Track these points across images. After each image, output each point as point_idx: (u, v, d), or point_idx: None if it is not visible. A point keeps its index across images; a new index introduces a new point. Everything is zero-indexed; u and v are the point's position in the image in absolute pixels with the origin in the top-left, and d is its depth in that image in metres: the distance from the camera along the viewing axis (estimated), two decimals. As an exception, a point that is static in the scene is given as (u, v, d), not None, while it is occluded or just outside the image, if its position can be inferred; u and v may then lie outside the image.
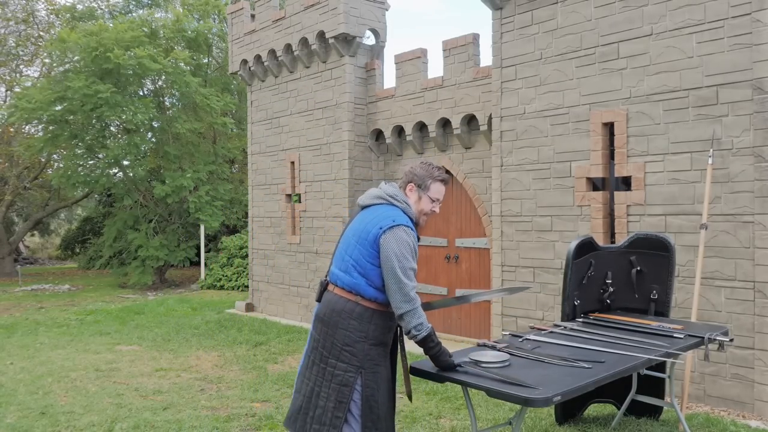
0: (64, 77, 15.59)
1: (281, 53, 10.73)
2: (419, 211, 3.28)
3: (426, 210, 3.28)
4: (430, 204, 3.29)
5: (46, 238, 32.24)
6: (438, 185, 3.29)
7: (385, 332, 3.19)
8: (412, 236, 3.14)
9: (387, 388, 3.21)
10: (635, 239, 4.86)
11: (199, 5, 18.00)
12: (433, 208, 3.30)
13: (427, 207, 3.28)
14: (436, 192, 3.29)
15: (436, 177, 3.28)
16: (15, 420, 5.36)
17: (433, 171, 3.30)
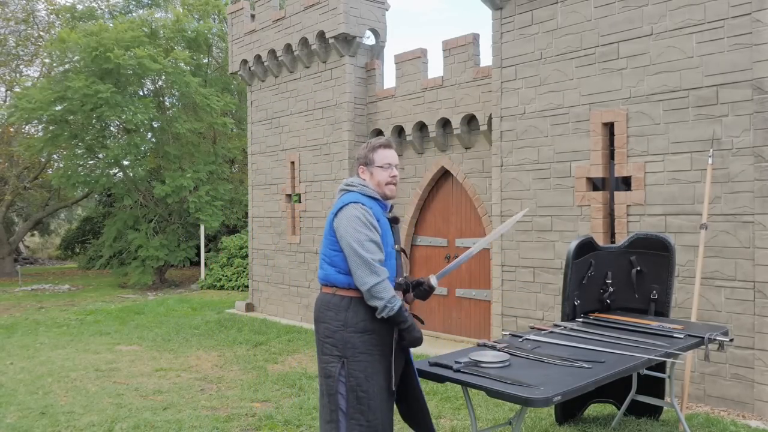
0: (64, 77, 15.59)
1: (281, 53, 10.73)
2: (378, 185, 3.23)
3: (383, 179, 3.23)
4: (384, 172, 3.24)
5: (46, 238, 32.24)
6: (380, 152, 3.26)
7: (368, 318, 3.10)
8: (364, 210, 3.10)
9: (381, 378, 3.10)
10: (635, 239, 4.86)
11: (199, 5, 18.01)
12: (391, 175, 3.25)
13: (383, 176, 3.23)
14: (382, 159, 3.25)
15: (375, 146, 3.27)
16: (15, 420, 5.36)
17: (372, 143, 3.30)
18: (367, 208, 3.11)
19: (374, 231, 3.08)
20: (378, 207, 3.20)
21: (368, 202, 3.16)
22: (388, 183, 3.23)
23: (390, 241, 3.20)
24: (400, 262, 3.26)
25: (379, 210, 3.20)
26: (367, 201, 3.17)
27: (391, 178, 3.24)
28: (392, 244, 3.21)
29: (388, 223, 3.23)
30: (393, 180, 3.25)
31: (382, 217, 3.21)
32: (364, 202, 3.15)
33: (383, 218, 3.21)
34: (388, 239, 3.19)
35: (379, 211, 3.19)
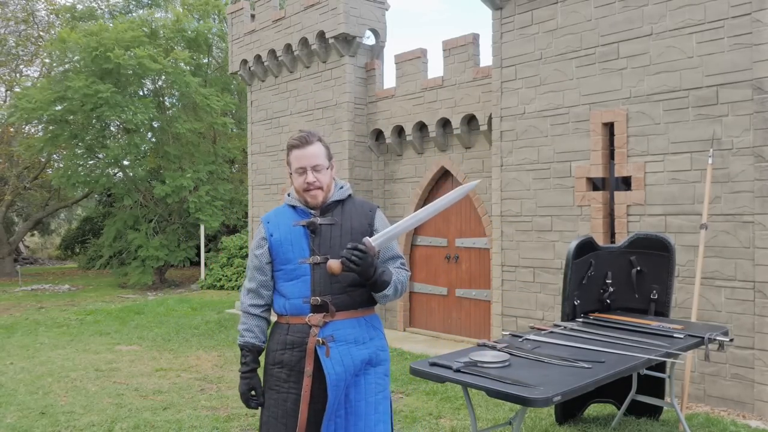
0: (64, 77, 15.59)
1: (281, 53, 10.73)
2: (298, 192, 2.74)
3: (298, 186, 2.71)
4: (299, 178, 2.70)
5: (46, 238, 32.24)
6: (293, 154, 2.70)
7: (278, 348, 2.68)
8: (261, 228, 2.77)
9: (282, 423, 2.63)
10: (635, 239, 4.86)
11: (199, 5, 18.00)
12: (306, 180, 2.67)
13: (298, 183, 2.71)
14: (295, 161, 2.70)
15: (288, 146, 2.73)
16: (15, 420, 5.36)
17: (288, 143, 2.76)
18: (264, 222, 2.77)
19: (259, 249, 2.74)
20: (289, 214, 2.75)
21: (278, 212, 2.79)
22: (305, 189, 2.69)
23: (295, 255, 2.65)
24: (320, 276, 2.62)
25: (289, 217, 2.73)
26: (279, 211, 2.79)
27: (307, 185, 2.68)
28: (300, 258, 2.64)
29: (303, 231, 2.67)
30: (310, 186, 2.68)
31: (286, 225, 2.71)
32: (274, 213, 2.80)
33: (287, 226, 2.70)
34: (293, 252, 2.66)
35: (287, 218, 2.73)
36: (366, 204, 2.83)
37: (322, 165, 2.69)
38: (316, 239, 2.65)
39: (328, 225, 2.69)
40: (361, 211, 2.76)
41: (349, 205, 2.76)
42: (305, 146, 2.68)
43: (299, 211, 2.74)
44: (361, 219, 2.73)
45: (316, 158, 2.69)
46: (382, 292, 2.60)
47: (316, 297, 2.60)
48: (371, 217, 2.76)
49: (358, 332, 2.65)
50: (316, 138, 2.71)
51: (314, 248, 2.64)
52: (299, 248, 2.66)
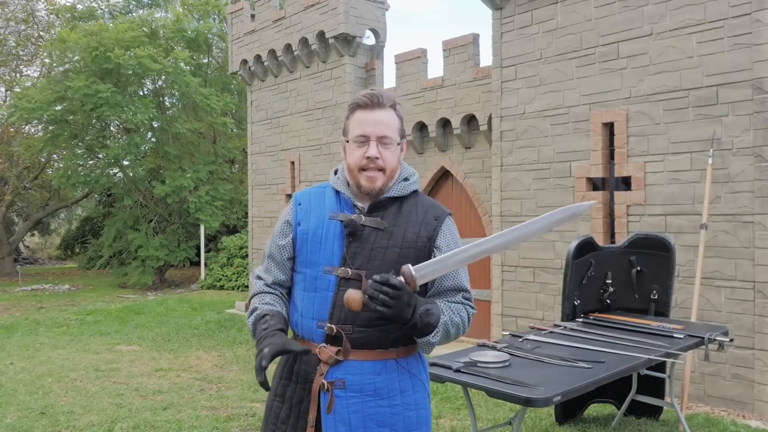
0: (64, 77, 15.59)
1: (281, 53, 10.73)
2: (350, 170, 2.00)
3: (354, 163, 1.96)
4: (357, 150, 1.95)
5: (46, 238, 32.24)
6: (356, 115, 1.99)
7: (283, 376, 2.10)
8: (288, 209, 2.09)
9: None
10: (635, 239, 4.86)
11: (199, 5, 18.00)
12: (367, 154, 1.93)
13: (355, 158, 1.96)
14: (356, 126, 1.97)
15: (351, 107, 2.02)
16: (15, 420, 5.36)
17: (351, 102, 2.04)
18: (293, 203, 2.10)
19: (283, 239, 2.06)
20: (328, 199, 2.04)
21: (315, 193, 2.09)
22: (362, 168, 1.95)
23: (322, 258, 1.96)
24: (337, 296, 1.92)
25: (328, 204, 2.03)
26: (317, 192, 2.09)
27: (365, 161, 1.94)
28: (326, 264, 1.95)
29: (339, 228, 1.97)
30: (369, 164, 1.94)
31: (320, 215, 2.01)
32: (309, 193, 2.10)
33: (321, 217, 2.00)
34: (320, 254, 1.97)
35: (324, 205, 2.03)
36: (434, 207, 2.04)
37: (392, 139, 1.96)
38: (353, 244, 1.94)
39: (373, 229, 1.95)
40: (423, 218, 1.99)
41: (409, 205, 2.01)
42: (375, 109, 1.96)
43: (343, 200, 2.02)
44: (419, 228, 1.97)
45: (387, 127, 1.96)
46: (426, 338, 1.88)
47: (331, 324, 1.91)
48: (435, 229, 1.99)
49: (382, 381, 1.92)
50: (391, 102, 1.99)
51: (348, 256, 1.93)
52: (329, 251, 1.96)
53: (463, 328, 2.00)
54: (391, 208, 1.99)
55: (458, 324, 1.97)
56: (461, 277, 2.02)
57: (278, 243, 2.06)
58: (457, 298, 2.00)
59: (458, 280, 2.01)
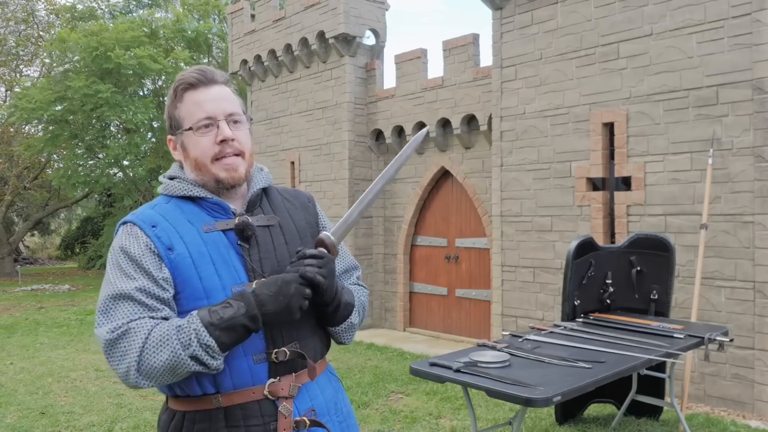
0: (64, 77, 15.61)
1: (281, 53, 10.73)
2: (197, 167, 1.59)
3: (204, 154, 1.57)
4: (204, 137, 1.57)
5: (46, 238, 32.25)
6: (187, 97, 1.59)
7: None
8: (137, 238, 1.51)
9: None
10: (635, 239, 4.86)
11: (199, 5, 18.02)
12: (221, 137, 1.56)
13: (203, 147, 1.57)
14: (195, 109, 1.58)
15: (178, 89, 1.61)
16: (15, 420, 5.36)
17: (174, 83, 1.63)
18: (143, 228, 1.52)
19: (155, 266, 1.48)
20: (186, 213, 1.57)
21: (163, 211, 1.57)
22: (216, 157, 1.57)
23: (224, 281, 1.52)
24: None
25: (190, 218, 1.57)
26: (165, 209, 1.58)
27: (219, 146, 1.56)
28: (234, 284, 1.52)
29: (226, 240, 1.55)
30: (225, 149, 1.57)
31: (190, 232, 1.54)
32: (155, 211, 1.57)
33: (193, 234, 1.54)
34: (219, 276, 1.52)
35: (186, 221, 1.56)
36: (298, 192, 1.83)
37: (240, 116, 1.62)
38: (253, 252, 1.57)
39: (264, 227, 1.61)
40: (298, 203, 1.76)
41: (274, 195, 1.73)
42: (210, 85, 1.61)
43: (208, 206, 1.58)
44: (303, 214, 1.74)
45: (231, 103, 1.62)
46: (348, 320, 1.67)
47: (278, 348, 1.53)
48: (314, 209, 1.79)
49: (331, 394, 1.66)
50: (224, 78, 1.66)
51: (254, 267, 1.56)
52: (228, 268, 1.53)
53: (365, 310, 1.79)
54: (263, 202, 1.69)
55: (365, 304, 1.78)
56: (350, 256, 1.83)
57: (156, 275, 1.47)
58: (353, 279, 1.81)
59: (348, 260, 1.81)
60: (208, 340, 1.39)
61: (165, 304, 1.47)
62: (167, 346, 1.39)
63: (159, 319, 1.45)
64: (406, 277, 9.54)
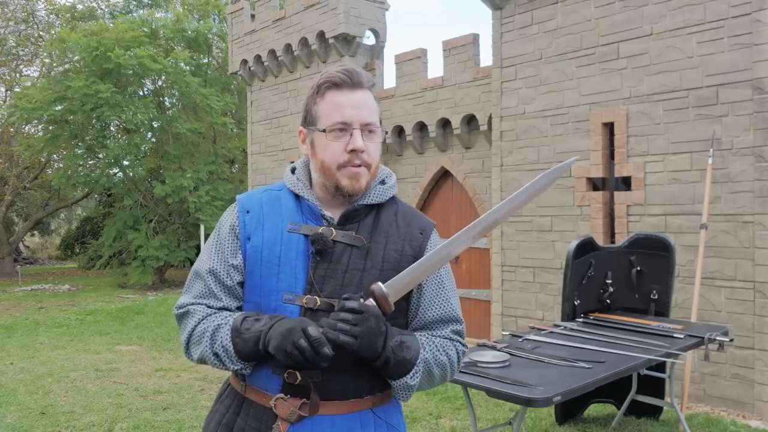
0: (64, 77, 15.60)
1: (281, 53, 10.73)
2: (323, 169, 1.54)
3: (332, 159, 1.52)
4: (336, 141, 1.51)
5: (46, 238, 32.25)
6: (329, 97, 1.53)
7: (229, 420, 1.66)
8: (231, 217, 1.59)
9: None
10: (635, 239, 4.86)
11: (199, 5, 18.01)
12: (352, 147, 1.50)
13: (333, 152, 1.51)
14: (334, 111, 1.51)
15: (322, 87, 1.54)
16: (15, 420, 5.36)
17: (320, 78, 1.56)
18: (240, 210, 1.58)
19: (231, 251, 1.56)
20: (285, 206, 1.58)
21: (267, 197, 1.60)
22: (343, 165, 1.51)
23: (280, 284, 1.51)
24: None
25: (285, 212, 1.57)
26: (270, 196, 1.61)
27: (348, 155, 1.51)
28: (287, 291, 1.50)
29: (302, 244, 1.52)
30: (353, 159, 1.51)
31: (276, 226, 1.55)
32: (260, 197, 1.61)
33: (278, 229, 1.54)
34: (278, 277, 1.51)
35: (279, 214, 1.57)
36: (417, 218, 1.63)
37: (377, 127, 1.57)
38: (321, 266, 1.50)
39: (346, 246, 1.52)
40: (406, 232, 1.58)
41: (387, 215, 1.59)
42: (355, 89, 1.53)
43: (305, 208, 1.56)
44: (402, 245, 1.56)
45: (371, 112, 1.55)
46: (402, 379, 1.49)
47: (295, 371, 1.46)
48: (421, 245, 1.58)
49: None
50: (370, 82, 1.58)
51: (315, 281, 1.50)
52: (290, 274, 1.51)
53: (451, 370, 1.58)
54: (366, 218, 1.56)
55: (444, 364, 1.54)
56: (452, 305, 1.59)
57: (229, 261, 1.54)
58: (445, 332, 1.58)
59: (447, 308, 1.58)
60: (227, 343, 1.47)
61: (228, 292, 1.56)
62: (202, 342, 1.51)
63: (215, 309, 1.54)
64: (406, 277, 9.53)
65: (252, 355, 1.47)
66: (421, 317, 1.58)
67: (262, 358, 1.47)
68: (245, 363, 1.49)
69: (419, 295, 1.57)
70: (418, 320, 1.58)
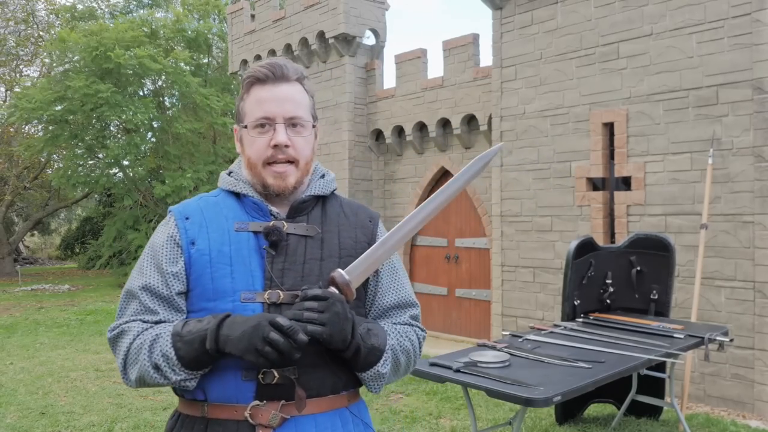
0: (64, 77, 15.60)
1: (281, 53, 10.73)
2: (251, 166, 1.51)
3: (257, 156, 1.49)
4: (260, 137, 1.48)
5: (46, 238, 32.26)
6: (253, 93, 1.50)
7: None
8: (169, 226, 1.51)
9: None
10: (635, 239, 4.86)
11: (199, 5, 18.01)
12: (275, 141, 1.46)
13: (257, 148, 1.49)
14: (256, 107, 1.49)
15: (246, 82, 1.53)
16: (15, 420, 5.36)
17: (245, 74, 1.54)
18: (178, 218, 1.51)
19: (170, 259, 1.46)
20: (227, 208, 1.52)
21: (206, 203, 1.55)
22: (268, 161, 1.48)
23: (236, 284, 1.43)
24: None
25: (228, 214, 1.51)
26: (209, 202, 1.55)
27: (272, 150, 1.47)
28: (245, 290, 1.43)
29: (254, 242, 1.46)
30: (276, 154, 1.47)
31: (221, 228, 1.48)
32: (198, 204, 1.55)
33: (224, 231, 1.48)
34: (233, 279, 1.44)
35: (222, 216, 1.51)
36: (363, 208, 1.65)
37: (304, 120, 1.50)
38: (278, 259, 1.45)
39: (300, 237, 1.49)
40: (355, 220, 1.59)
41: (333, 206, 1.59)
42: (278, 82, 1.49)
43: (248, 205, 1.52)
44: (355, 232, 1.57)
45: (296, 105, 1.50)
46: (373, 368, 1.45)
47: (270, 370, 1.38)
48: (372, 230, 1.60)
49: None
50: (298, 74, 1.52)
51: (273, 275, 1.45)
52: (245, 273, 1.44)
53: (415, 356, 1.57)
54: (314, 210, 1.55)
55: (409, 350, 1.53)
56: (406, 290, 1.60)
57: (166, 270, 1.43)
58: (404, 318, 1.58)
59: (402, 293, 1.59)
60: (167, 350, 1.35)
61: (167, 305, 1.44)
62: (140, 357, 1.38)
63: (151, 323, 1.42)
64: (406, 277, 9.53)
65: (198, 360, 1.34)
66: (379, 304, 1.56)
67: (209, 362, 1.35)
68: (190, 372, 1.35)
69: (376, 282, 1.56)
70: (376, 307, 1.56)
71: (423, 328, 1.62)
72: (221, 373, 1.40)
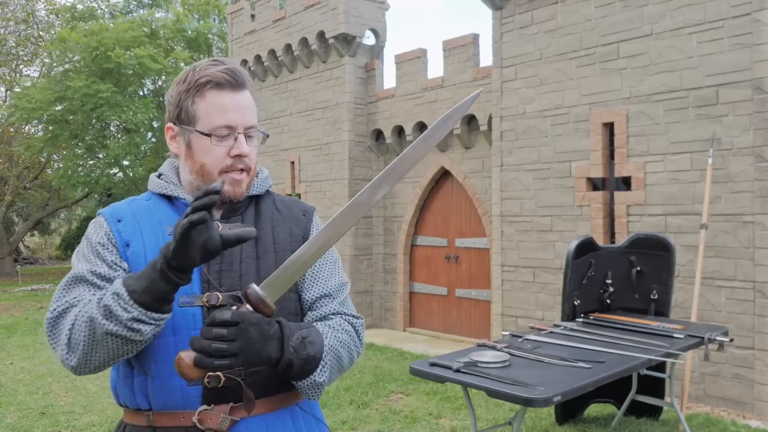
0: (64, 77, 15.61)
1: (281, 53, 10.73)
2: (204, 173, 1.46)
3: (214, 163, 1.44)
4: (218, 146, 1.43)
5: (46, 238, 32.25)
6: (212, 97, 1.44)
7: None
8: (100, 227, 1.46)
9: None
10: (635, 239, 4.86)
11: (199, 5, 18.03)
12: (237, 152, 1.43)
13: (215, 156, 1.44)
14: (217, 112, 1.44)
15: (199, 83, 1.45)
16: (15, 420, 5.36)
17: (198, 73, 1.46)
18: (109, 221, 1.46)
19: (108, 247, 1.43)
20: (160, 211, 1.50)
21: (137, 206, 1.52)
22: (225, 170, 1.45)
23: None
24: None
25: (161, 217, 1.48)
26: (140, 205, 1.52)
27: (231, 160, 1.44)
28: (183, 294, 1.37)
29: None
30: (235, 164, 1.45)
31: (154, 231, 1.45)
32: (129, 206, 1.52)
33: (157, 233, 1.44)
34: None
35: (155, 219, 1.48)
36: (297, 203, 1.63)
37: (257, 129, 1.50)
38: (214, 262, 1.43)
39: None
40: (289, 215, 1.58)
41: (267, 204, 1.58)
42: (238, 90, 1.45)
43: (181, 208, 1.49)
44: (289, 226, 1.56)
45: (253, 114, 1.48)
46: (310, 378, 1.38)
47: (215, 372, 1.34)
48: (306, 225, 1.58)
49: None
50: (248, 80, 1.49)
51: (210, 278, 1.42)
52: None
53: (356, 347, 1.51)
54: (248, 210, 1.53)
55: (347, 343, 1.47)
56: (328, 279, 1.54)
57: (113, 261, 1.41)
58: (333, 306, 1.52)
59: (324, 283, 1.53)
60: (118, 288, 1.24)
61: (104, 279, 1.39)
62: (88, 311, 1.27)
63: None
64: (406, 277, 9.54)
65: (153, 289, 1.22)
66: (304, 301, 1.52)
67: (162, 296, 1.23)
68: (143, 311, 1.23)
69: (302, 277, 1.53)
70: (303, 301, 1.52)
71: (357, 315, 1.56)
72: (164, 379, 1.36)
